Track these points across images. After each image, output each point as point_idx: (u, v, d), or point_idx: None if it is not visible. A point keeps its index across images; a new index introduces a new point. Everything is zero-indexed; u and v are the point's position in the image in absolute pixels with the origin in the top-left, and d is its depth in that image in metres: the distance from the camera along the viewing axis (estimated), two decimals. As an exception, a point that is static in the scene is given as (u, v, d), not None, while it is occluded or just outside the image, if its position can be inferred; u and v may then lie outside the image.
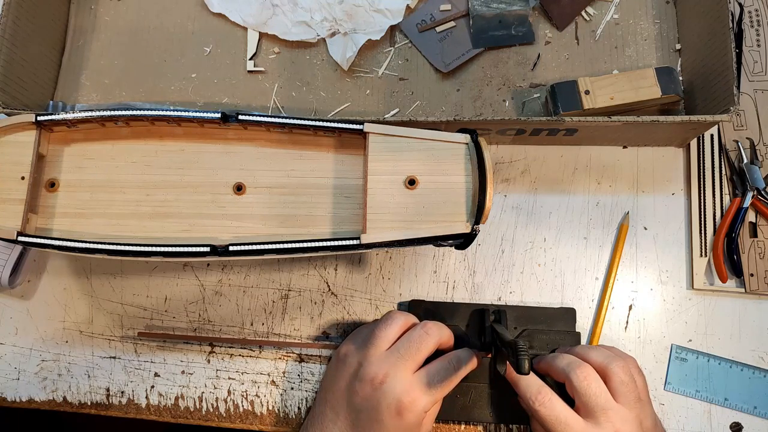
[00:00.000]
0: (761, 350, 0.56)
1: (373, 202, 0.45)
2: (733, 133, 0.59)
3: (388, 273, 0.59)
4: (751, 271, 0.56)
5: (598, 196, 0.59)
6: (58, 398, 0.58)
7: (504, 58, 0.61)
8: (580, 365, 0.48)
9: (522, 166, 0.60)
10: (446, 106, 0.60)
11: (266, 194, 0.48)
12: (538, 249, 0.59)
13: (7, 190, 0.46)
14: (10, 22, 0.55)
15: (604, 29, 0.61)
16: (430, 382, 0.47)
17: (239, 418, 0.57)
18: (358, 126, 0.47)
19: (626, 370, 0.48)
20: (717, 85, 0.53)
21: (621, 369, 0.47)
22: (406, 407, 0.45)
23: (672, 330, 0.56)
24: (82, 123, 0.48)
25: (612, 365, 0.48)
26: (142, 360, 0.58)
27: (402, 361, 0.47)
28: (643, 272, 0.58)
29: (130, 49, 0.63)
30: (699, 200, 0.58)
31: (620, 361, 0.48)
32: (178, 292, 0.59)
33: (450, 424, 0.55)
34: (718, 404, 0.55)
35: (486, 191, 0.44)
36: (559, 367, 0.49)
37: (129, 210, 0.48)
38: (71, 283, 0.60)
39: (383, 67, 0.61)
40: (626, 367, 0.48)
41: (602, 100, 0.54)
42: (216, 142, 0.49)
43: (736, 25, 0.61)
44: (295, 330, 0.58)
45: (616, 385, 0.47)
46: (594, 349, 0.51)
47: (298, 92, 0.61)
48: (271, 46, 0.62)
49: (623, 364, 0.48)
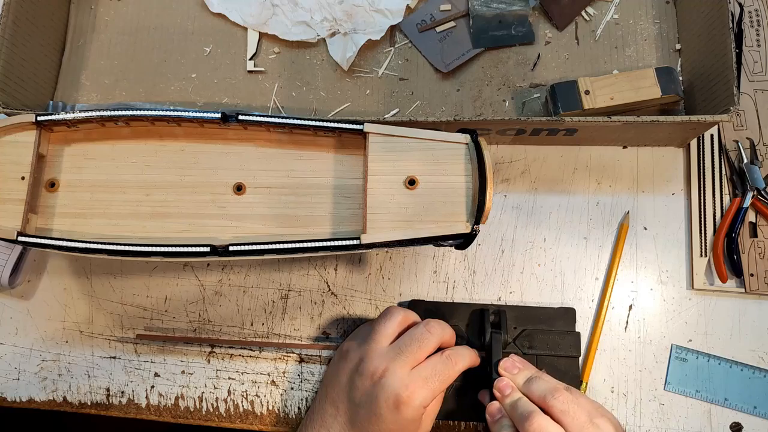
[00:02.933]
0: (761, 350, 0.56)
1: (373, 202, 0.45)
2: (733, 133, 0.59)
3: (388, 273, 0.59)
4: (751, 271, 0.56)
5: (598, 196, 0.59)
6: (58, 398, 0.58)
7: (504, 58, 0.61)
8: (530, 415, 0.44)
9: (522, 166, 0.60)
10: (446, 106, 0.60)
11: (266, 194, 0.48)
12: (538, 249, 0.59)
13: (7, 190, 0.46)
14: (10, 22, 0.55)
15: (604, 29, 0.61)
16: (428, 376, 0.47)
17: (239, 418, 0.57)
18: (358, 126, 0.47)
19: (565, 399, 0.45)
20: (717, 85, 0.53)
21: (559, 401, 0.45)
22: (404, 401, 0.46)
23: (672, 330, 0.56)
24: (82, 123, 0.48)
25: (549, 399, 0.45)
26: (142, 360, 0.58)
27: (402, 357, 0.47)
28: (643, 272, 0.58)
29: (130, 49, 0.63)
30: (699, 200, 0.58)
31: (558, 393, 0.45)
32: (178, 292, 0.59)
33: (450, 424, 0.55)
34: (718, 404, 0.55)
35: (486, 191, 0.44)
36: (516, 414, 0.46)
37: (129, 210, 0.48)
38: (71, 283, 0.60)
39: (383, 67, 0.61)
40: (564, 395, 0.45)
41: (602, 100, 0.54)
42: (216, 142, 0.49)
43: (736, 25, 0.61)
44: (295, 330, 0.58)
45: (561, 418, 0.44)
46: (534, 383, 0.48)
47: (298, 92, 0.61)
48: (271, 46, 0.62)
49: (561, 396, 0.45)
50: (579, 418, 0.44)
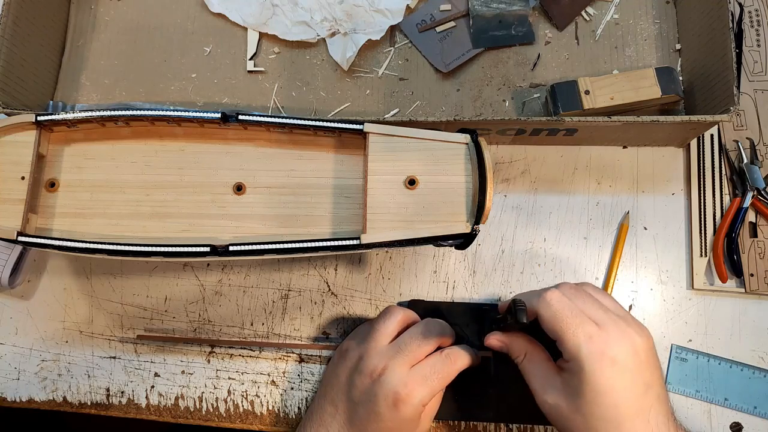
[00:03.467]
0: (761, 350, 0.56)
1: (373, 202, 0.45)
2: (733, 133, 0.59)
3: (388, 273, 0.59)
4: (751, 271, 0.56)
5: (598, 196, 0.59)
6: (58, 398, 0.58)
7: (504, 58, 0.61)
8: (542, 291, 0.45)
9: (522, 166, 0.60)
10: (446, 106, 0.60)
11: (266, 194, 0.48)
12: (538, 249, 0.59)
13: (7, 190, 0.46)
14: (10, 22, 0.55)
15: (604, 29, 0.61)
16: (427, 375, 0.47)
17: (239, 418, 0.57)
18: (358, 126, 0.47)
19: (573, 285, 0.46)
20: (717, 85, 0.53)
21: (566, 285, 0.46)
22: (402, 399, 0.46)
23: (672, 330, 0.56)
24: (82, 123, 0.48)
25: (558, 285, 0.46)
26: (142, 360, 0.58)
27: (401, 355, 0.47)
28: (643, 272, 0.58)
29: (130, 49, 0.63)
30: (699, 200, 0.58)
31: (567, 282, 0.47)
32: (178, 292, 0.59)
33: (450, 424, 0.55)
34: (718, 404, 0.55)
35: (486, 191, 0.44)
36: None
37: (129, 210, 0.48)
38: (71, 283, 0.60)
39: (383, 67, 0.61)
40: (572, 283, 0.46)
41: (602, 100, 0.54)
42: (216, 142, 0.49)
43: (736, 25, 0.61)
44: (295, 330, 0.58)
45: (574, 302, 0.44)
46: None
47: (298, 92, 0.61)
48: (271, 46, 0.62)
49: (569, 283, 0.46)
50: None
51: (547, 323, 0.44)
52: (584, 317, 0.43)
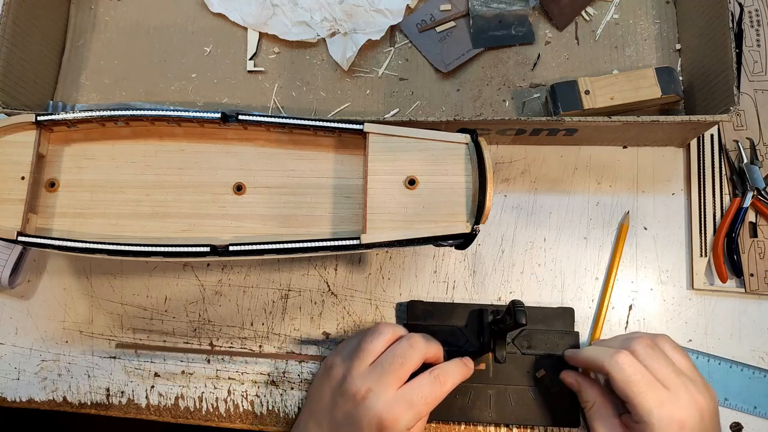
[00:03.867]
0: (761, 350, 0.56)
1: (373, 202, 0.45)
2: (733, 133, 0.59)
3: (388, 273, 0.59)
4: (751, 271, 0.56)
5: (598, 196, 0.59)
6: (58, 398, 0.58)
7: (504, 58, 0.61)
8: (615, 352, 0.47)
9: (522, 166, 0.60)
10: (446, 106, 0.60)
11: (266, 194, 0.48)
12: (538, 249, 0.59)
13: (7, 190, 0.46)
14: (10, 22, 0.55)
15: (604, 29, 0.61)
16: (413, 399, 0.45)
17: (239, 418, 0.57)
18: (358, 126, 0.47)
19: (648, 343, 0.47)
20: (717, 85, 0.53)
21: (640, 344, 0.47)
22: (387, 425, 0.44)
23: (672, 330, 0.56)
24: (82, 123, 0.48)
25: (632, 343, 0.47)
26: (142, 360, 0.58)
27: (385, 377, 0.46)
28: (643, 272, 0.58)
29: (130, 49, 0.63)
30: (699, 200, 0.58)
31: (642, 338, 0.48)
32: (178, 292, 0.59)
33: (450, 424, 0.55)
34: (719, 404, 0.55)
35: (486, 191, 0.44)
36: (590, 357, 0.49)
37: (129, 210, 0.48)
38: (71, 283, 0.60)
39: (383, 67, 0.61)
40: (647, 340, 0.47)
41: (602, 100, 0.54)
42: (216, 142, 0.49)
43: (736, 25, 0.61)
44: (295, 330, 0.58)
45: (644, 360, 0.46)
46: (617, 337, 0.52)
47: (298, 92, 0.61)
48: (271, 46, 0.62)
49: (644, 339, 0.47)
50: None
51: (618, 385, 0.46)
52: (656, 382, 0.45)
